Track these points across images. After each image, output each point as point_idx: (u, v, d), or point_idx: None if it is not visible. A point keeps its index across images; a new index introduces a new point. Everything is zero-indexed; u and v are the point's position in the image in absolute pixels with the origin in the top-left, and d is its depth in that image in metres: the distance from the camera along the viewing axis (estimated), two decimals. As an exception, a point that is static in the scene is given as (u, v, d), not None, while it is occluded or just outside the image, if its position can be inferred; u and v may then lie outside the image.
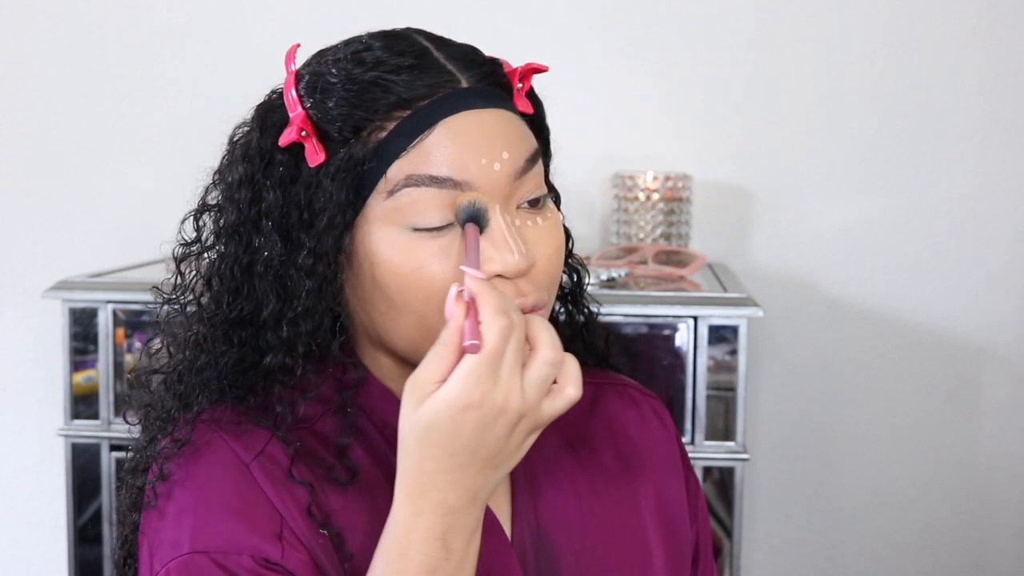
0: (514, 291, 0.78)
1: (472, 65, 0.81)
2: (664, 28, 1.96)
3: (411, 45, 0.81)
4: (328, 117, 0.79)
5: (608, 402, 0.96)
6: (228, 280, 0.82)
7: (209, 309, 0.84)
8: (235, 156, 0.84)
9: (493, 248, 0.77)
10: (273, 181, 0.80)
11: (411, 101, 0.78)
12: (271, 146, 0.81)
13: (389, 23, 0.88)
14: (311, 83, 0.81)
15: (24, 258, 2.07)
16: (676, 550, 0.93)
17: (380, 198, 0.78)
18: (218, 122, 0.93)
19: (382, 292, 0.79)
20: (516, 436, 0.71)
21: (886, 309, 1.98)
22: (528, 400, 0.70)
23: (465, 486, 0.70)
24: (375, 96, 0.78)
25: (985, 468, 1.99)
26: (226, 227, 0.83)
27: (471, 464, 0.70)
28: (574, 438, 0.92)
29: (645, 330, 1.55)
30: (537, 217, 0.81)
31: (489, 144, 0.78)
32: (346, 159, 0.78)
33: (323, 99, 0.79)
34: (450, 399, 0.68)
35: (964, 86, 1.93)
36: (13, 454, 2.10)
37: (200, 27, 2.01)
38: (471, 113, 0.78)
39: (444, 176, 0.76)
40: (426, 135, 0.77)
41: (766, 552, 2.01)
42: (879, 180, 1.96)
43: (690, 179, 1.85)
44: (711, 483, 1.64)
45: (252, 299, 0.82)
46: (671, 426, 0.99)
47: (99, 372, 1.62)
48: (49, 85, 2.04)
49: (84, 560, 1.67)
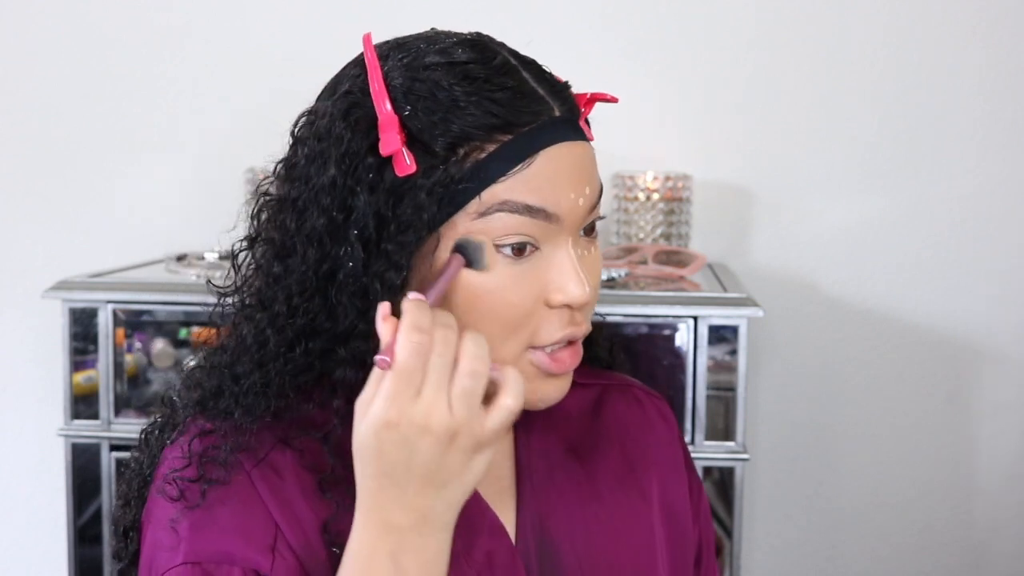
0: (569, 320, 0.80)
1: (559, 94, 0.81)
2: (664, 28, 1.96)
3: (504, 63, 0.80)
4: (425, 129, 0.76)
5: (612, 403, 0.96)
6: (305, 286, 0.78)
7: (281, 313, 0.79)
8: (323, 154, 0.78)
9: (564, 279, 0.78)
10: (363, 187, 0.77)
11: (514, 125, 0.77)
12: (359, 148, 0.77)
13: (390, 23, 0.88)
14: (406, 87, 0.78)
15: (24, 258, 2.07)
16: (679, 551, 0.93)
17: (468, 217, 0.77)
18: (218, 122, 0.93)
19: (451, 308, 0.77)
20: (455, 454, 0.70)
21: (886, 309, 1.98)
22: (456, 416, 0.69)
23: (408, 505, 0.70)
24: (476, 115, 0.77)
25: (985, 468, 1.99)
26: (311, 232, 0.78)
27: (408, 483, 0.70)
28: (578, 442, 0.92)
29: (645, 330, 1.55)
30: (591, 247, 0.83)
31: (579, 179, 0.79)
32: (443, 175, 0.76)
33: (423, 109, 0.77)
34: (371, 418, 0.69)
35: (964, 86, 1.93)
36: (13, 454, 2.10)
37: (200, 27, 2.01)
38: (566, 145, 0.79)
39: (539, 207, 0.77)
40: (528, 164, 0.77)
41: (766, 552, 2.01)
42: (879, 180, 1.96)
43: (690, 179, 1.85)
44: (711, 483, 1.64)
45: (327, 309, 0.78)
46: (675, 427, 0.99)
47: (99, 372, 1.62)
48: (49, 85, 2.04)
49: (84, 560, 1.67)
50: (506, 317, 0.78)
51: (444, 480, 0.70)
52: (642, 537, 0.90)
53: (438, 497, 0.71)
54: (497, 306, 0.78)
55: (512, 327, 0.78)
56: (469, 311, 0.78)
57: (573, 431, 0.92)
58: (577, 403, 0.95)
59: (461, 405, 0.69)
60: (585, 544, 0.87)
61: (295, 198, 0.79)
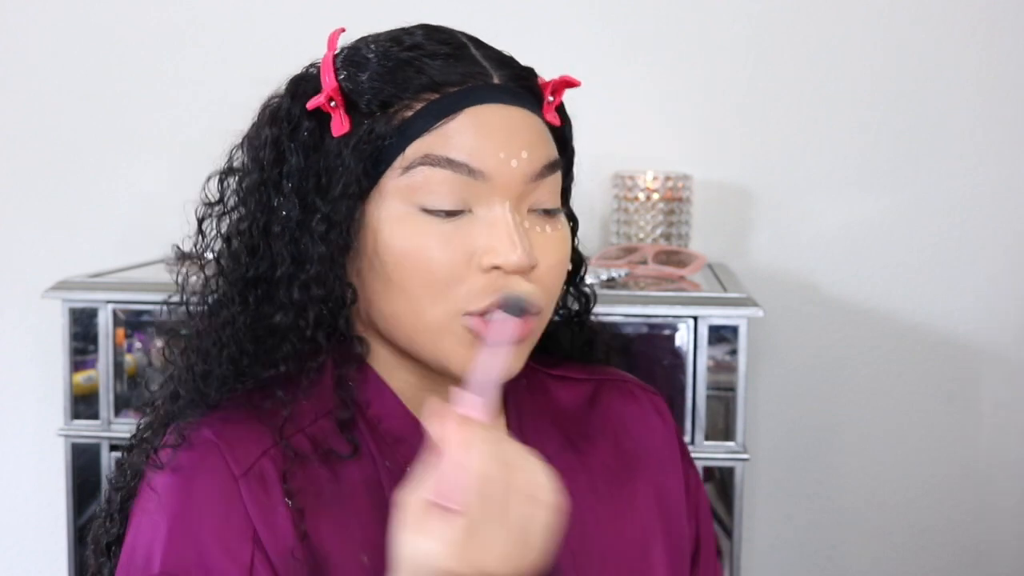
0: (503, 286, 0.78)
1: (505, 65, 0.83)
2: (664, 28, 1.96)
3: (451, 37, 0.83)
4: (359, 89, 0.80)
5: (608, 398, 0.96)
6: (247, 239, 0.83)
7: (228, 267, 0.84)
8: (264, 119, 0.86)
9: (495, 240, 0.77)
10: (297, 144, 0.82)
11: (441, 85, 0.79)
12: (299, 112, 0.83)
13: (390, 22, 0.88)
14: (348, 57, 0.83)
15: (24, 258, 2.07)
16: (675, 547, 0.93)
17: (395, 174, 0.79)
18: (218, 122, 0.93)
19: (381, 269, 0.79)
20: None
21: (886, 309, 1.98)
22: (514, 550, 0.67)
23: None
24: (408, 75, 0.79)
25: (985, 468, 1.99)
26: (248, 187, 0.84)
27: None
28: (574, 436, 0.92)
29: (645, 330, 1.55)
30: (547, 225, 0.82)
31: (510, 139, 0.78)
32: (368, 132, 0.79)
33: (357, 72, 0.81)
34: (427, 557, 0.65)
35: (964, 86, 1.93)
36: (13, 454, 2.10)
37: (200, 27, 2.01)
38: (498, 107, 0.79)
39: (461, 161, 0.77)
40: (450, 119, 0.78)
41: (766, 552, 2.01)
42: (879, 180, 1.96)
43: (690, 179, 1.85)
44: (711, 483, 1.64)
45: (267, 258, 0.82)
46: (671, 422, 0.99)
47: (99, 372, 1.62)
48: (49, 85, 2.04)
49: (84, 560, 1.67)
50: (432, 277, 0.78)
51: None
52: (636, 531, 0.90)
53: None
54: (422, 265, 0.77)
55: (439, 288, 0.78)
56: (396, 268, 0.78)
57: (568, 425, 0.92)
58: (572, 397, 0.95)
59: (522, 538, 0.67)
60: (580, 539, 0.87)
61: (242, 161, 0.86)
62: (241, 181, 0.85)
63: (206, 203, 0.89)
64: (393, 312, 0.80)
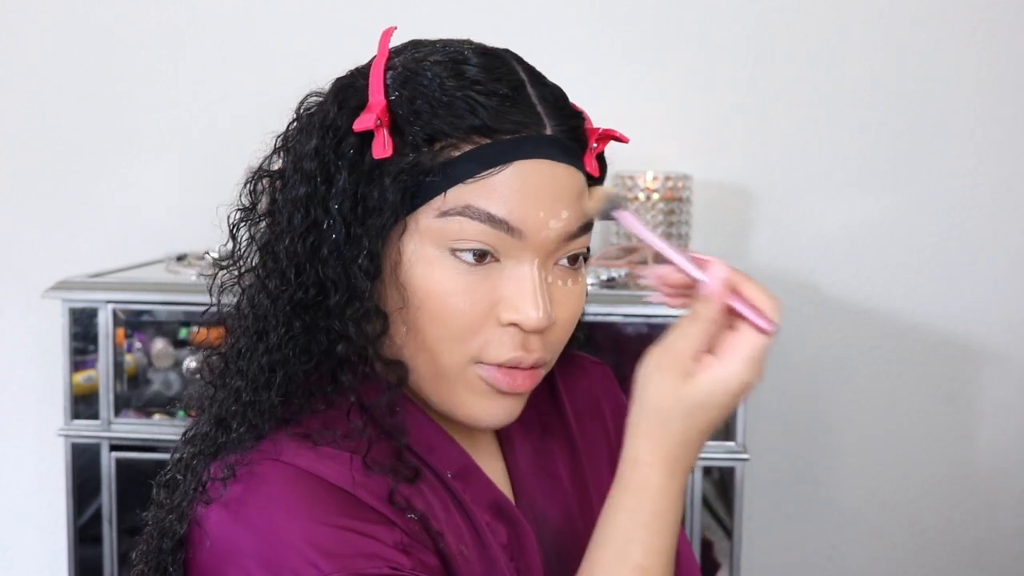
0: (521, 344, 0.77)
1: (560, 114, 0.80)
2: (664, 28, 1.96)
3: (509, 72, 0.79)
4: (408, 116, 0.76)
5: (562, 377, 0.95)
6: (293, 257, 0.78)
7: (273, 282, 0.79)
8: (309, 125, 0.80)
9: (519, 297, 0.76)
10: (344, 162, 0.77)
11: (494, 132, 0.76)
12: (345, 125, 0.78)
13: (390, 22, 0.88)
14: (402, 76, 0.78)
15: (24, 258, 2.07)
16: None
17: (430, 214, 0.76)
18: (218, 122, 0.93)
19: (403, 308, 0.77)
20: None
21: (886, 309, 1.98)
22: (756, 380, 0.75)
23: (695, 452, 0.75)
24: (460, 113, 0.76)
25: (985, 468, 1.99)
26: (294, 199, 0.78)
27: (706, 435, 0.75)
28: (548, 424, 0.92)
29: (645, 330, 1.55)
30: (569, 279, 0.80)
31: (553, 199, 0.77)
32: (412, 164, 0.75)
33: (410, 96, 0.77)
34: (731, 380, 0.73)
35: (964, 86, 1.93)
36: (13, 454, 2.10)
37: (200, 27, 2.01)
38: (546, 163, 0.77)
39: (501, 218, 0.75)
40: (498, 170, 0.75)
41: (766, 552, 2.01)
42: (879, 180, 1.96)
43: (690, 179, 1.85)
44: (711, 483, 1.64)
45: (317, 282, 0.78)
46: (620, 390, 0.98)
47: (99, 372, 1.62)
48: (49, 85, 2.04)
49: (84, 560, 1.67)
50: (452, 323, 0.76)
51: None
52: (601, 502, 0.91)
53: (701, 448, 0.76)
54: (445, 310, 0.76)
55: (457, 335, 0.76)
56: (418, 309, 0.76)
57: (538, 413, 0.92)
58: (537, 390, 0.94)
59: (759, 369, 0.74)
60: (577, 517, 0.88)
61: (283, 168, 0.81)
62: (284, 190, 0.80)
63: (241, 208, 0.83)
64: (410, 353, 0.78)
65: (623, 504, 0.74)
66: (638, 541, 0.74)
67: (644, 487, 0.74)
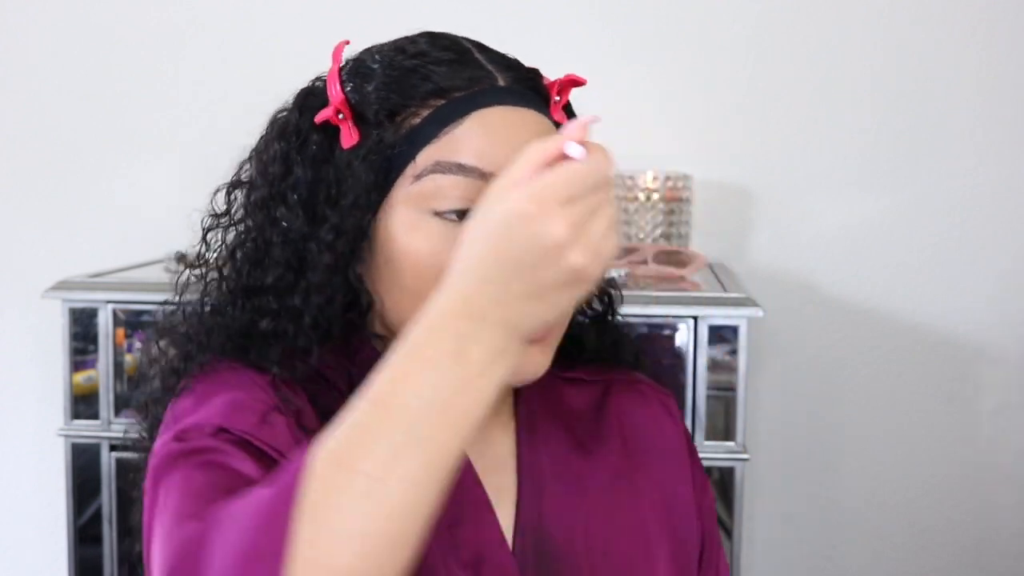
0: None
1: (511, 68, 0.83)
2: (664, 28, 1.96)
3: (455, 43, 0.83)
4: (366, 100, 0.80)
5: (618, 399, 0.96)
6: (251, 253, 0.84)
7: (230, 279, 0.85)
8: (272, 134, 0.86)
9: None
10: (305, 158, 0.82)
11: (447, 91, 0.79)
12: (308, 126, 0.83)
13: (390, 23, 0.88)
14: (353, 68, 0.83)
15: (24, 258, 2.07)
16: (681, 548, 0.93)
17: (406, 182, 0.79)
18: (218, 122, 0.93)
19: (397, 276, 0.80)
20: (561, 272, 0.64)
21: (886, 309, 1.98)
22: (581, 239, 0.64)
23: (500, 303, 0.64)
24: (413, 83, 0.80)
25: (985, 468, 1.99)
26: (256, 201, 0.84)
27: (511, 283, 0.64)
28: (584, 438, 0.92)
29: (645, 330, 1.55)
30: None
31: (519, 139, 0.77)
32: (377, 142, 0.79)
33: (362, 83, 0.81)
34: (512, 204, 0.63)
35: (964, 86, 1.93)
36: (13, 454, 2.10)
37: (201, 27, 2.01)
38: (505, 109, 0.79)
39: (471, 165, 0.77)
40: (457, 124, 0.78)
41: (766, 552, 2.01)
42: (879, 180, 1.96)
43: (690, 179, 1.85)
44: (711, 483, 1.64)
45: (268, 269, 0.83)
46: (680, 422, 0.98)
47: (99, 372, 1.62)
48: (49, 85, 2.04)
49: (84, 560, 1.67)
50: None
51: (541, 296, 0.64)
52: (641, 530, 0.90)
53: (529, 310, 0.64)
54: (439, 269, 0.72)
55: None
56: (413, 275, 0.79)
57: (578, 427, 0.92)
58: (583, 399, 0.95)
59: (594, 237, 0.65)
60: (584, 539, 0.87)
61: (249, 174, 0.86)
62: (249, 195, 0.86)
63: (212, 214, 0.89)
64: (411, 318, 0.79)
65: (405, 338, 0.65)
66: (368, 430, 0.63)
67: (422, 315, 0.65)
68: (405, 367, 0.64)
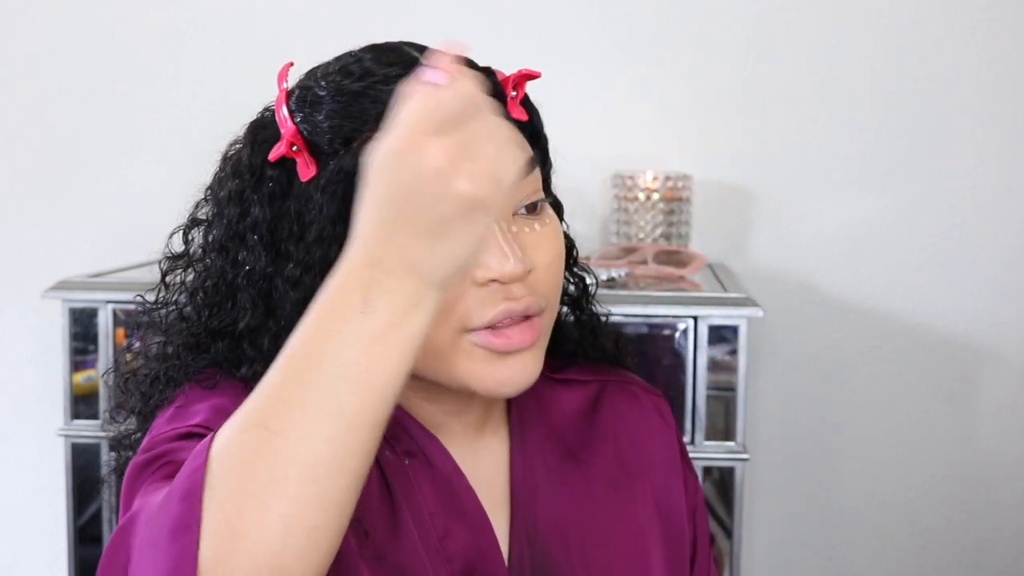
0: (504, 295, 0.76)
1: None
2: (663, 28, 1.95)
3: (400, 56, 0.80)
4: (318, 130, 0.78)
5: (610, 401, 0.96)
6: (212, 295, 0.82)
7: (190, 320, 0.84)
8: (226, 172, 0.84)
9: (489, 255, 0.75)
10: (262, 196, 0.80)
11: None
12: (261, 162, 0.81)
13: (386, 26, 0.88)
14: (300, 97, 0.81)
15: (24, 258, 2.07)
16: (674, 551, 0.93)
17: None
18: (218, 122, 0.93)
19: None
20: (453, 203, 0.60)
21: (886, 309, 1.98)
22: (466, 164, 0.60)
23: (397, 244, 0.61)
24: (364, 107, 0.77)
25: (985, 468, 1.99)
26: (213, 242, 0.83)
27: (403, 222, 0.61)
28: (575, 445, 0.92)
29: (645, 330, 1.55)
30: (535, 223, 0.80)
31: None
32: (336, 171, 0.76)
33: (312, 112, 0.79)
34: (386, 142, 0.61)
35: (964, 86, 1.93)
36: (13, 454, 2.10)
37: (201, 27, 2.01)
38: None
39: None
40: None
41: (766, 552, 2.01)
42: (879, 180, 1.95)
43: (690, 179, 1.85)
44: (711, 483, 1.64)
45: (232, 312, 0.81)
46: (672, 424, 0.98)
47: (99, 372, 1.62)
48: (49, 85, 2.04)
49: (84, 560, 1.67)
50: None
51: (439, 232, 0.61)
52: (636, 537, 0.90)
53: (431, 249, 0.61)
54: None
55: (437, 311, 0.74)
56: None
57: (570, 431, 0.92)
58: (576, 401, 0.94)
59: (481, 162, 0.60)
60: (579, 547, 0.87)
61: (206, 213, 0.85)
62: (206, 236, 0.85)
63: (169, 256, 0.89)
64: None
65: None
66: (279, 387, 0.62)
67: (324, 304, 0.62)
68: (316, 324, 0.62)
